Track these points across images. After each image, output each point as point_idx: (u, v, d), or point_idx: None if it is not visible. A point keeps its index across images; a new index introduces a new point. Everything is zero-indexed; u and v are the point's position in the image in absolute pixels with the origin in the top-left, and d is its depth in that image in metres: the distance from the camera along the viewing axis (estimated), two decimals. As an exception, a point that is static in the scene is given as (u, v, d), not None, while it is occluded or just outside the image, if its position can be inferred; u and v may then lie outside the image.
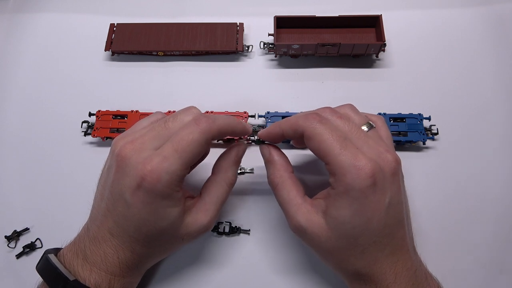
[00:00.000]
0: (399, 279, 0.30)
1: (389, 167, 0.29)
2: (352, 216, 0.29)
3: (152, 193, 0.29)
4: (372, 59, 0.51)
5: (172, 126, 0.31)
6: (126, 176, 0.29)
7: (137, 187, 0.29)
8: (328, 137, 0.29)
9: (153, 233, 0.31)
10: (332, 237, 0.30)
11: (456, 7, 0.54)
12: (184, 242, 0.34)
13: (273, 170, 0.34)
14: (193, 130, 0.30)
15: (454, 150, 0.45)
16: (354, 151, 0.29)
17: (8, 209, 0.43)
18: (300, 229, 0.31)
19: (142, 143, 0.30)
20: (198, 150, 0.30)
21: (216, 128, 0.31)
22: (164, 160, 0.29)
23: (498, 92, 0.48)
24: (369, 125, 0.33)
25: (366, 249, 0.30)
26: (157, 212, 0.30)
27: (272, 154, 0.34)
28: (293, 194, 0.32)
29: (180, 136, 0.30)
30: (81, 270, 0.31)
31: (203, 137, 0.30)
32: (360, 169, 0.28)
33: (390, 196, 0.29)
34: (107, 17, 0.54)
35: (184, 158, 0.29)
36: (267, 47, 0.51)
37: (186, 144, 0.29)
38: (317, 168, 0.44)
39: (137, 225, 0.30)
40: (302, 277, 0.38)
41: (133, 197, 0.29)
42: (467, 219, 0.41)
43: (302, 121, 0.31)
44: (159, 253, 0.34)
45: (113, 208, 0.31)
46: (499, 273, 0.38)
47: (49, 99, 0.50)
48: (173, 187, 0.29)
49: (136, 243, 0.31)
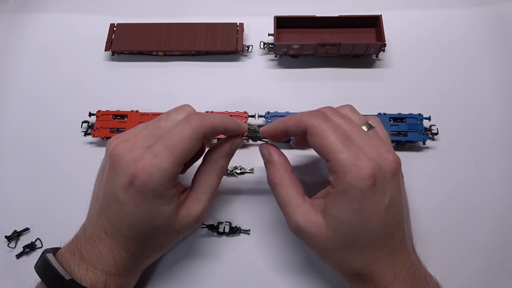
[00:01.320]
0: (398, 279, 0.30)
1: (389, 168, 0.30)
2: (351, 215, 0.29)
3: (144, 191, 0.29)
4: (372, 59, 0.51)
5: (164, 125, 0.31)
6: (118, 175, 0.30)
7: (129, 185, 0.29)
8: (331, 134, 0.29)
9: (146, 231, 0.31)
10: (331, 237, 0.30)
11: (456, 7, 0.54)
12: (180, 235, 0.34)
13: (273, 170, 0.34)
14: (184, 127, 0.30)
15: (454, 150, 0.45)
16: (355, 150, 0.29)
17: (8, 209, 0.43)
18: (299, 228, 0.31)
19: (135, 142, 0.30)
20: (189, 147, 0.30)
21: (208, 124, 0.31)
22: (155, 158, 0.29)
23: (498, 92, 0.48)
24: (368, 125, 0.33)
25: (365, 249, 0.30)
26: (150, 210, 0.30)
27: (272, 154, 0.34)
28: (292, 194, 0.32)
29: (171, 134, 0.30)
30: (77, 270, 0.31)
31: (194, 134, 0.30)
32: (361, 168, 0.28)
33: (390, 196, 0.29)
34: (107, 17, 0.54)
35: (175, 155, 0.29)
36: (267, 47, 0.51)
37: (177, 140, 0.29)
38: (317, 169, 0.44)
39: (130, 224, 0.30)
40: (302, 277, 0.38)
41: (125, 195, 0.29)
42: (467, 219, 0.41)
43: (306, 118, 0.31)
44: (155, 251, 0.34)
45: (106, 207, 0.31)
46: (499, 273, 0.38)
47: (49, 99, 0.50)
48: (165, 184, 0.29)
49: (131, 242, 0.31)
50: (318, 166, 0.44)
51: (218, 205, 0.42)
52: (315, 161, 0.44)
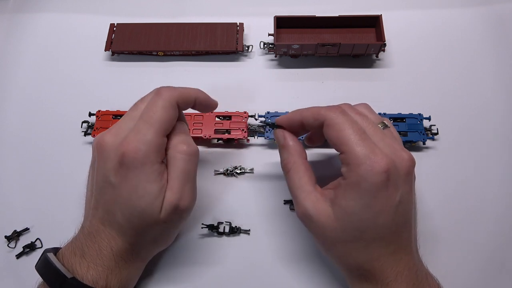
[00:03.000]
0: (400, 278, 0.30)
1: (404, 166, 0.30)
2: (361, 208, 0.29)
3: (132, 165, 0.30)
4: (372, 59, 0.51)
5: (141, 106, 0.33)
6: (107, 160, 0.31)
7: (119, 165, 0.30)
8: (348, 127, 0.30)
9: (134, 215, 0.31)
10: (337, 228, 0.30)
11: (456, 7, 0.54)
12: (169, 226, 0.33)
13: (287, 155, 0.34)
14: (156, 99, 0.32)
15: (454, 150, 0.45)
16: (371, 144, 0.29)
17: (8, 209, 0.43)
18: (307, 216, 0.31)
19: (118, 128, 0.32)
20: (165, 116, 0.31)
21: (178, 93, 0.33)
22: (138, 133, 0.30)
23: (498, 92, 0.48)
24: (384, 124, 0.33)
25: (371, 244, 0.30)
26: (137, 187, 0.30)
27: (287, 139, 0.34)
28: (304, 181, 0.32)
29: (146, 109, 0.32)
30: (79, 268, 0.31)
31: (167, 102, 0.32)
32: (375, 162, 0.28)
33: (401, 194, 0.29)
34: (107, 17, 0.54)
35: (155, 126, 0.31)
36: (267, 47, 0.51)
37: (153, 112, 0.31)
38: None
39: (122, 207, 0.31)
40: (302, 277, 0.38)
41: (117, 176, 0.30)
42: (467, 219, 0.41)
43: (324, 111, 0.31)
44: (150, 242, 0.34)
45: (101, 197, 0.32)
46: (499, 273, 0.38)
47: (49, 99, 0.50)
48: (152, 156, 0.30)
49: (126, 230, 0.32)
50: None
51: (218, 205, 0.42)
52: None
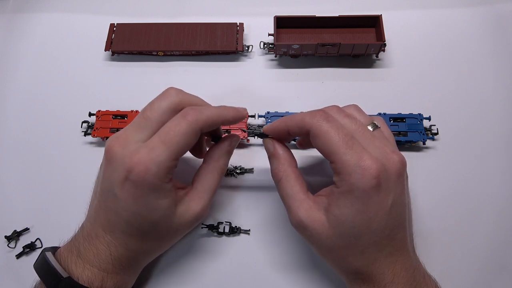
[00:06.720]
0: (397, 279, 0.30)
1: (394, 168, 0.29)
2: (354, 215, 0.29)
3: (141, 184, 0.29)
4: (372, 59, 0.51)
5: (150, 115, 0.31)
6: (114, 171, 0.30)
7: (124, 179, 0.29)
8: (334, 135, 0.29)
9: (145, 226, 0.31)
10: (332, 235, 0.30)
11: (456, 7, 0.54)
12: (179, 233, 0.34)
13: (277, 164, 0.34)
14: (179, 122, 0.30)
15: (454, 150, 0.45)
16: (360, 150, 0.29)
17: (8, 209, 0.43)
18: (301, 224, 0.31)
19: (125, 138, 0.31)
20: (185, 141, 0.30)
21: (204, 119, 0.31)
22: (151, 151, 0.29)
23: (498, 92, 0.48)
24: (374, 125, 0.33)
25: (366, 249, 0.30)
26: (147, 204, 0.30)
27: (277, 148, 0.34)
28: (296, 189, 0.32)
29: (167, 128, 0.30)
30: (75, 267, 0.31)
31: (191, 129, 0.30)
32: (365, 169, 0.28)
33: (393, 197, 0.29)
34: (107, 17, 0.54)
35: (171, 149, 0.29)
36: (267, 47, 0.51)
37: (173, 135, 0.29)
38: (321, 170, 0.43)
39: (128, 219, 0.30)
40: (302, 277, 0.38)
41: (121, 190, 0.29)
42: (467, 219, 0.41)
43: (308, 119, 0.30)
44: (156, 247, 0.34)
45: (104, 204, 0.31)
46: (499, 273, 0.38)
47: (49, 99, 0.50)
48: (162, 178, 0.29)
49: (130, 238, 0.31)
50: (321, 167, 0.44)
51: (218, 205, 0.42)
52: (319, 162, 0.44)
